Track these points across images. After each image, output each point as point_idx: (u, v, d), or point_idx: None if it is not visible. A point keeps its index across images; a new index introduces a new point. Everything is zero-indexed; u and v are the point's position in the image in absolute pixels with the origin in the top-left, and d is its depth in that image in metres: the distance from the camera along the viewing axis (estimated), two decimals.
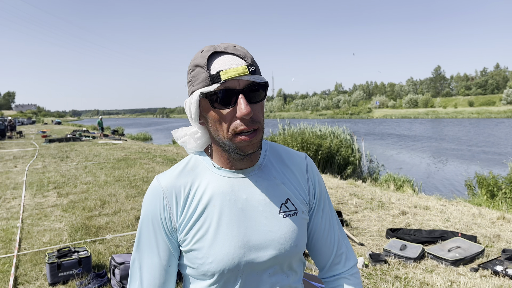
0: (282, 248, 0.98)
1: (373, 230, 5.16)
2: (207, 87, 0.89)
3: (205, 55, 0.91)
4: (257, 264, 0.96)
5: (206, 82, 0.89)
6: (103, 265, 4.12)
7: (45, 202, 7.10)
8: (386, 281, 3.63)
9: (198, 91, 0.91)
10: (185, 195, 0.97)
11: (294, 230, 1.00)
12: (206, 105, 0.93)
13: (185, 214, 0.96)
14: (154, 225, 0.98)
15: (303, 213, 1.03)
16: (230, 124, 0.90)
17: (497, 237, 4.73)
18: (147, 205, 0.99)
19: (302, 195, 1.05)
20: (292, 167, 1.07)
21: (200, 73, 0.91)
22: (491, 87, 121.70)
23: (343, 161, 13.58)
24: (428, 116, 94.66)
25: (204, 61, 0.90)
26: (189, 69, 0.95)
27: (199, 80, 0.91)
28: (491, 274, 3.69)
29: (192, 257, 0.96)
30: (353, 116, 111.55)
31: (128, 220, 5.71)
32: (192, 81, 0.93)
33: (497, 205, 7.44)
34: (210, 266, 0.94)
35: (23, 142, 24.39)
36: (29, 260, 4.29)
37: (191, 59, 0.95)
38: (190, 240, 0.96)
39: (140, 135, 37.83)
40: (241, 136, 0.90)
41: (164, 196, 0.97)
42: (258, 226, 0.97)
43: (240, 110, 0.88)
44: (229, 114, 0.90)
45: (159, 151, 16.73)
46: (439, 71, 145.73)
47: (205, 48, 0.93)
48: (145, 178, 9.36)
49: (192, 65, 0.93)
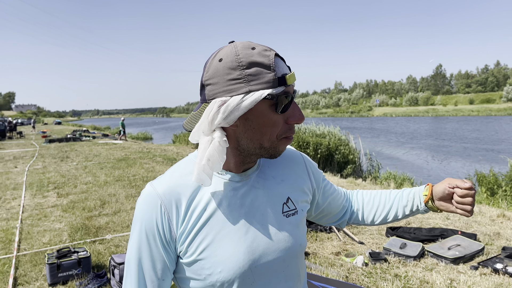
0: (289, 248, 0.97)
1: (373, 228, 5.16)
2: (272, 89, 0.84)
3: (268, 55, 0.86)
4: (268, 269, 0.94)
5: (271, 84, 0.84)
6: (102, 265, 4.11)
7: (45, 203, 7.10)
8: (386, 279, 3.62)
9: (262, 91, 0.84)
10: (187, 202, 0.91)
11: (297, 229, 1.00)
12: (260, 108, 0.86)
13: (187, 222, 0.90)
14: (148, 237, 0.89)
15: (302, 211, 1.04)
16: (280, 128, 0.89)
17: (497, 235, 4.73)
18: (142, 214, 0.90)
19: (302, 189, 1.05)
20: (289, 161, 1.08)
21: (263, 73, 0.84)
22: (491, 85, 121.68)
23: (343, 160, 13.58)
24: (428, 114, 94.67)
25: (269, 61, 0.85)
26: (239, 65, 0.85)
27: (263, 81, 0.84)
28: (491, 272, 3.69)
29: (198, 268, 0.90)
30: (353, 115, 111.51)
31: (128, 220, 5.71)
32: (248, 80, 0.85)
33: (497, 203, 7.44)
34: (220, 275, 0.89)
35: (23, 142, 24.40)
36: (28, 260, 4.29)
37: (239, 55, 0.85)
38: (195, 250, 0.90)
39: (140, 135, 37.82)
40: (285, 138, 0.91)
41: (161, 203, 0.89)
42: (265, 229, 0.95)
43: (295, 117, 0.89)
44: (281, 118, 0.89)
45: (159, 150, 16.74)
46: (440, 69, 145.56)
47: (258, 47, 0.87)
48: (145, 178, 9.36)
49: (248, 62, 0.85)
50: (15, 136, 30.15)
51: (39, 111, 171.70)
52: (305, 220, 1.06)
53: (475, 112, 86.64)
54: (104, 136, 30.18)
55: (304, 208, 1.05)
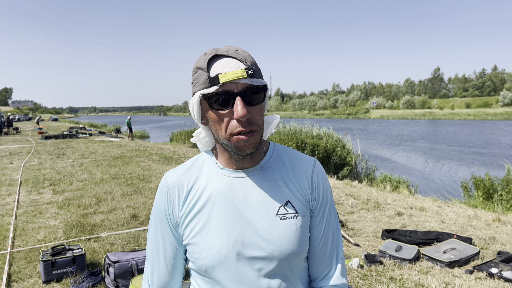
0: (277, 250, 0.97)
1: (369, 231, 5.16)
2: (206, 89, 0.93)
3: (206, 58, 0.94)
4: (251, 264, 0.97)
5: (205, 84, 0.93)
6: (97, 263, 4.09)
7: (40, 199, 7.06)
8: (381, 282, 3.63)
9: (199, 92, 0.95)
10: (187, 190, 1.02)
11: (291, 233, 0.99)
12: (206, 106, 0.97)
13: (185, 208, 1.01)
14: (160, 218, 1.05)
15: (304, 217, 1.02)
16: (228, 125, 0.93)
17: (492, 239, 4.74)
18: (156, 199, 1.07)
19: (305, 199, 1.04)
20: (297, 170, 1.06)
21: (201, 75, 0.94)
22: (488, 89, 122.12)
23: (340, 161, 13.59)
24: (425, 117, 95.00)
25: (205, 64, 0.94)
26: (192, 71, 0.99)
27: (200, 82, 0.94)
28: (486, 276, 3.70)
29: (190, 251, 1.01)
30: (350, 117, 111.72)
31: (123, 218, 5.69)
32: (194, 83, 0.97)
33: (493, 207, 7.47)
34: (204, 261, 0.98)
35: (19, 138, 24.29)
36: (23, 257, 4.27)
37: (196, 62, 0.99)
38: (188, 234, 1.01)
39: (137, 133, 37.70)
40: (237, 136, 0.93)
41: (168, 191, 1.04)
42: (253, 225, 0.98)
43: (236, 112, 0.90)
44: (227, 115, 0.93)
45: (156, 149, 16.70)
46: (438, 72, 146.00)
47: (208, 51, 0.96)
48: (141, 176, 9.33)
49: (195, 67, 0.97)
50: (11, 132, 30.02)
51: (36, 107, 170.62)
52: (307, 228, 1.04)
53: (471, 116, 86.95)
54: (100, 133, 30.08)
55: (306, 215, 1.04)
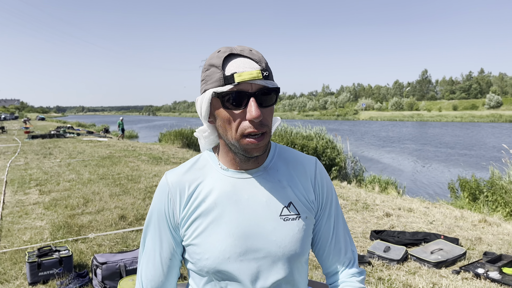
0: (280, 251, 0.98)
1: (358, 231, 5.19)
2: (220, 87, 0.91)
3: (221, 56, 0.92)
4: (253, 265, 0.97)
5: (219, 82, 0.91)
6: (84, 265, 4.04)
7: (26, 200, 6.96)
8: (369, 282, 3.65)
9: (211, 90, 0.93)
10: (189, 192, 1.01)
11: (294, 235, 1.00)
12: (217, 105, 0.95)
13: (187, 210, 1.00)
14: (159, 219, 1.03)
15: (306, 218, 1.03)
16: (239, 125, 0.92)
17: (478, 240, 4.81)
18: (155, 199, 1.05)
19: (308, 200, 1.04)
20: (300, 170, 1.07)
21: (215, 73, 0.93)
22: (475, 92, 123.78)
23: (329, 162, 13.65)
24: (413, 119, 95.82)
25: (220, 62, 0.92)
26: (203, 68, 0.97)
27: (213, 80, 0.93)
28: (472, 276, 3.74)
29: (191, 252, 1.00)
30: (339, 118, 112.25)
31: (111, 219, 5.63)
32: (206, 80, 0.95)
33: (479, 208, 7.56)
34: (206, 262, 0.97)
35: (5, 137, 23.91)
36: (8, 258, 4.20)
37: (207, 58, 0.97)
38: (190, 235, 0.99)
39: (126, 133, 37.38)
40: (248, 138, 0.92)
41: (169, 191, 1.02)
42: (256, 227, 0.98)
43: (250, 113, 0.90)
44: (239, 115, 0.92)
45: (145, 149, 16.58)
46: (426, 74, 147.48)
47: (222, 49, 0.94)
48: (130, 177, 9.25)
49: (208, 64, 0.95)
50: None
51: (22, 106, 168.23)
52: (309, 229, 1.05)
53: (458, 118, 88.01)
54: (88, 133, 29.77)
55: (309, 216, 1.04)
